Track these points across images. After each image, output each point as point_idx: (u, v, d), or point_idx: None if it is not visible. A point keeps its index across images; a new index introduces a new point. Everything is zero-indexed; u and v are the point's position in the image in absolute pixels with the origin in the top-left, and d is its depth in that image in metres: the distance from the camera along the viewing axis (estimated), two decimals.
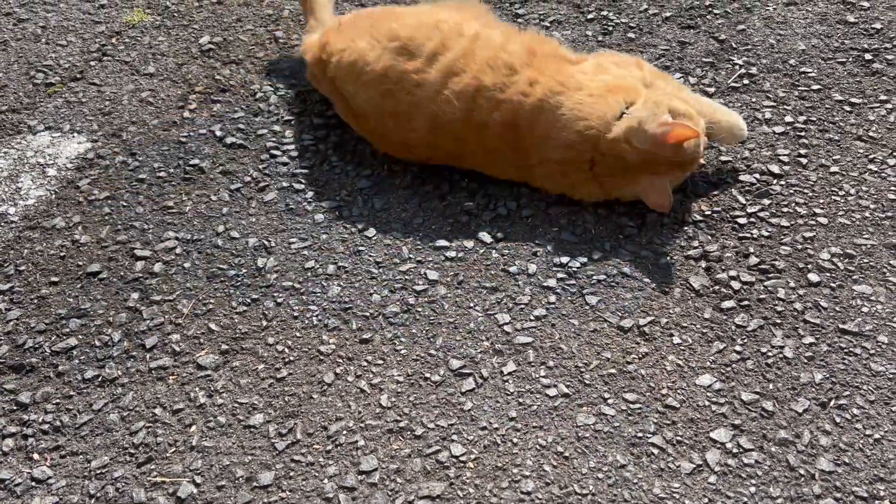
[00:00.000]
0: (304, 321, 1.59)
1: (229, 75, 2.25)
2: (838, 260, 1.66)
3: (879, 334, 1.52)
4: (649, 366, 1.49)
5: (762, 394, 1.44)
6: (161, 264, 1.72)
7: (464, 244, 1.75)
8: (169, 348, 1.55)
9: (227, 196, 1.88)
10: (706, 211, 1.79)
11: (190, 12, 2.51)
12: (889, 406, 1.40)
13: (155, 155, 1.99)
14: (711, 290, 1.62)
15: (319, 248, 1.74)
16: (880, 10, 2.36)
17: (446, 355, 1.52)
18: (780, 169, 1.87)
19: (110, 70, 2.28)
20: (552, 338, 1.55)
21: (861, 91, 2.08)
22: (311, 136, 2.03)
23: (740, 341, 1.52)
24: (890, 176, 1.84)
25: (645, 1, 2.45)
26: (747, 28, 2.32)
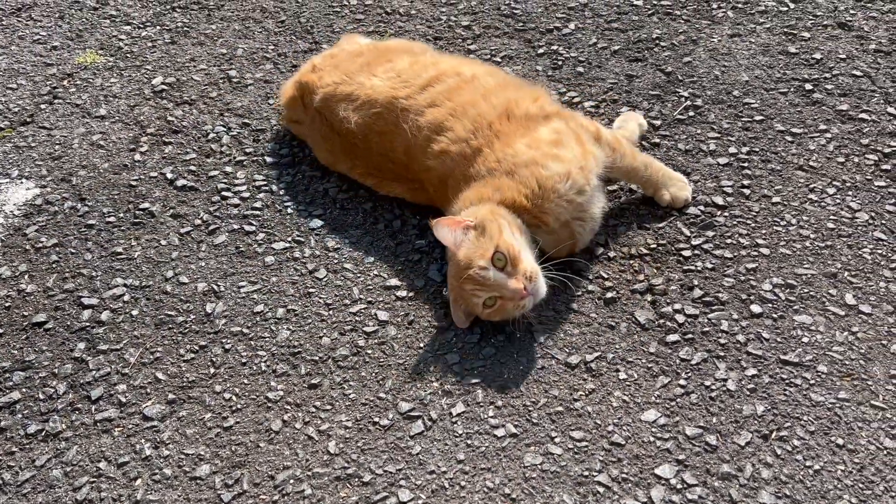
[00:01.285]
0: (252, 367, 1.59)
1: (182, 116, 2.25)
2: (780, 290, 1.70)
3: (819, 364, 1.55)
4: (596, 402, 1.51)
5: (706, 428, 1.46)
6: (108, 312, 1.70)
7: (415, 283, 1.76)
8: (115, 399, 1.54)
9: (176, 240, 1.87)
10: (652, 244, 1.82)
11: (143, 53, 2.51)
12: (828, 436, 1.43)
13: (105, 199, 1.98)
14: (657, 323, 1.65)
15: (269, 291, 1.74)
16: (820, 40, 2.43)
17: (395, 398, 1.53)
18: (723, 200, 1.91)
19: (61, 113, 2.27)
20: (501, 377, 1.56)
21: (802, 121, 2.14)
22: (264, 177, 2.04)
23: (685, 375, 1.55)
24: (829, 205, 1.89)
25: (594, 35, 2.50)
26: (693, 60, 2.38)
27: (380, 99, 1.86)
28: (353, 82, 1.93)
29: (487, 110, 1.74)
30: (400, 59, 1.98)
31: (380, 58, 2.00)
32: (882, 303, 1.66)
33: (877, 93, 2.21)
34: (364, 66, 1.97)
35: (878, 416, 1.46)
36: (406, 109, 1.81)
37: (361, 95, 1.89)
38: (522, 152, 1.64)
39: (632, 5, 2.63)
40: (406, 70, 1.91)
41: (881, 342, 1.59)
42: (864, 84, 2.24)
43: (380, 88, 1.88)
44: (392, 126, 1.83)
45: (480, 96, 1.78)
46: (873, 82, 2.25)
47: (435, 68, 1.89)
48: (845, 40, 2.42)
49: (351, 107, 1.90)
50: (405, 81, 1.87)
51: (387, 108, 1.84)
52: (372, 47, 2.11)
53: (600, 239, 1.83)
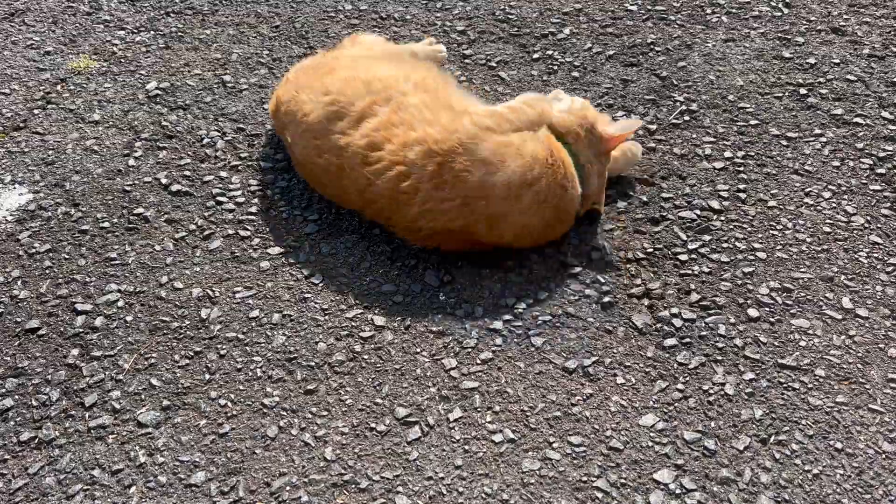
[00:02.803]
0: (247, 373, 1.57)
1: (176, 121, 2.24)
2: (777, 294, 1.69)
3: (817, 368, 1.55)
4: (594, 407, 1.50)
5: (704, 432, 1.45)
6: (102, 318, 1.69)
7: (411, 288, 1.75)
8: (109, 406, 1.52)
9: (171, 245, 1.86)
10: (648, 248, 1.81)
11: (137, 58, 2.50)
12: (827, 440, 1.43)
13: (98, 205, 1.97)
14: (654, 328, 1.64)
15: (264, 296, 1.73)
16: (814, 45, 2.44)
17: (392, 404, 1.52)
18: (720, 204, 1.91)
19: (54, 118, 2.26)
20: (498, 381, 1.56)
21: (797, 125, 2.15)
22: (258, 182, 2.03)
23: (682, 379, 1.54)
24: (825, 209, 1.89)
25: (589, 40, 2.50)
26: (688, 65, 2.38)
27: (315, 127, 1.81)
28: (301, 100, 1.87)
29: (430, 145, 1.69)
30: (336, 70, 1.91)
31: (321, 71, 1.94)
32: (879, 306, 1.66)
33: (871, 97, 2.22)
34: (312, 83, 1.91)
35: (876, 420, 1.45)
36: (344, 149, 1.76)
37: (300, 122, 1.84)
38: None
39: (626, 10, 2.64)
40: (340, 92, 1.83)
41: (878, 346, 1.59)
42: (858, 88, 2.25)
43: (318, 115, 1.82)
44: (337, 166, 1.78)
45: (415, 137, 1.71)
46: (867, 87, 2.26)
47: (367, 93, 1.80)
48: (839, 45, 2.43)
49: (296, 132, 1.87)
50: (340, 110, 1.80)
51: (325, 141, 1.79)
52: (331, 57, 2.04)
53: (597, 243, 1.83)
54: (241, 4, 2.77)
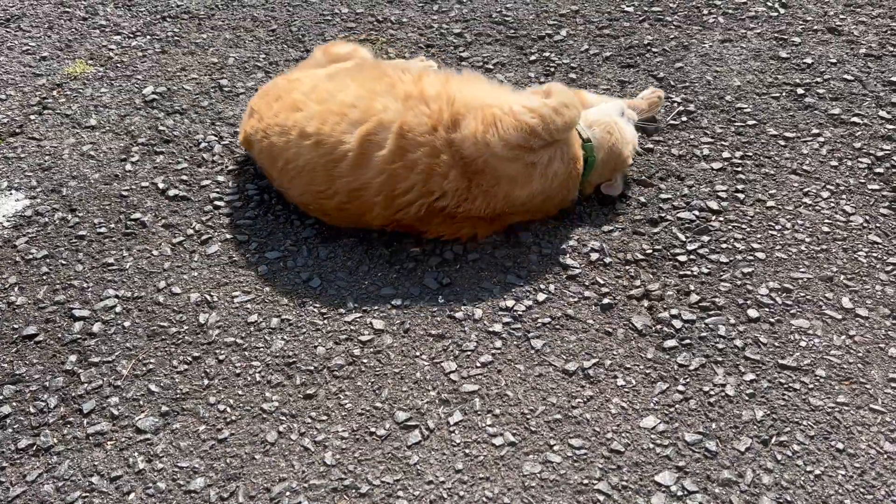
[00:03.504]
0: (246, 378, 1.57)
1: (173, 125, 2.24)
2: (776, 294, 1.69)
3: (817, 368, 1.54)
4: (594, 409, 1.50)
5: (705, 434, 1.45)
6: (100, 324, 1.68)
7: (410, 291, 1.75)
8: (107, 412, 1.52)
9: (168, 250, 1.85)
10: (647, 250, 1.81)
11: (133, 62, 2.50)
12: (828, 441, 1.42)
13: (95, 210, 1.96)
14: (654, 329, 1.64)
15: (263, 300, 1.72)
16: (811, 45, 2.44)
17: (392, 407, 1.51)
18: (718, 205, 1.91)
19: (51, 124, 2.25)
20: (498, 384, 1.55)
21: (794, 125, 2.15)
22: (256, 186, 2.02)
23: (683, 381, 1.54)
24: (824, 209, 1.89)
25: (585, 41, 2.50)
26: (685, 66, 2.38)
27: (318, 177, 1.76)
28: (272, 144, 1.82)
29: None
30: (304, 102, 1.84)
31: (287, 100, 1.87)
32: (879, 306, 1.66)
33: (868, 96, 2.22)
34: (281, 114, 1.84)
35: (877, 420, 1.45)
36: (360, 190, 1.74)
37: (291, 169, 1.79)
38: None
39: (623, 11, 2.64)
40: (319, 130, 1.76)
41: (879, 345, 1.58)
42: (855, 88, 2.25)
43: (308, 161, 1.76)
44: (349, 203, 1.77)
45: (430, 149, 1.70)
46: (864, 86, 2.26)
47: (347, 121, 1.75)
48: (836, 45, 2.43)
49: (287, 178, 1.83)
50: (328, 152, 1.74)
51: (332, 187, 1.76)
52: (285, 82, 1.97)
53: (596, 245, 1.83)
54: (238, 8, 2.76)
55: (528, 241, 1.84)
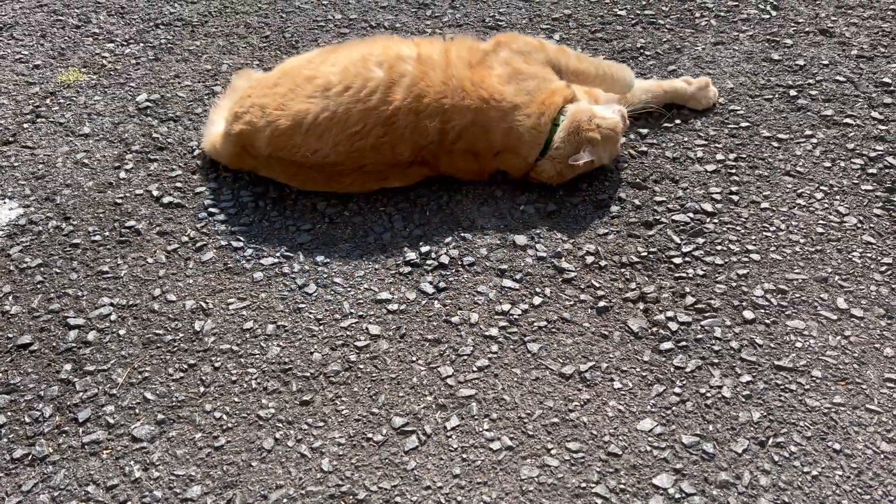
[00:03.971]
0: (242, 385, 1.56)
1: (167, 133, 2.23)
2: (771, 296, 1.69)
3: (813, 369, 1.55)
4: (591, 413, 1.50)
5: (702, 436, 1.45)
6: (95, 332, 1.68)
7: (406, 296, 1.74)
8: (103, 421, 1.51)
9: (163, 258, 1.85)
10: (642, 252, 1.81)
11: (127, 70, 2.49)
12: (825, 441, 1.43)
13: (90, 218, 1.96)
14: (650, 331, 1.64)
15: (258, 307, 1.72)
16: (803, 46, 2.45)
17: (389, 413, 1.51)
18: (712, 207, 1.91)
19: (44, 132, 2.25)
20: (495, 388, 1.55)
21: (788, 127, 2.15)
22: (250, 192, 2.02)
23: (679, 383, 1.54)
24: (818, 210, 1.90)
25: (579, 45, 2.51)
26: (678, 68, 2.39)
27: (352, 118, 1.85)
28: (292, 112, 1.88)
29: (460, 74, 1.90)
30: (317, 70, 1.95)
31: (297, 79, 1.95)
32: (873, 306, 1.66)
33: (860, 97, 2.23)
34: (291, 92, 1.92)
35: (874, 420, 1.45)
36: (395, 113, 1.85)
37: (321, 122, 1.86)
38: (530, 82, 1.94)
39: (615, 15, 2.65)
40: (343, 78, 1.89)
41: (874, 345, 1.59)
42: (847, 89, 2.26)
43: (338, 109, 1.86)
44: (384, 136, 1.86)
45: (444, 69, 1.90)
46: (856, 87, 2.27)
47: (371, 62, 1.92)
48: (828, 46, 2.44)
49: (315, 137, 1.87)
50: (359, 90, 1.87)
51: (368, 122, 1.85)
52: (280, 72, 2.04)
53: (591, 248, 1.83)
54: (231, 15, 2.76)
55: (522, 243, 1.84)
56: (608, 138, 1.90)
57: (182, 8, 2.81)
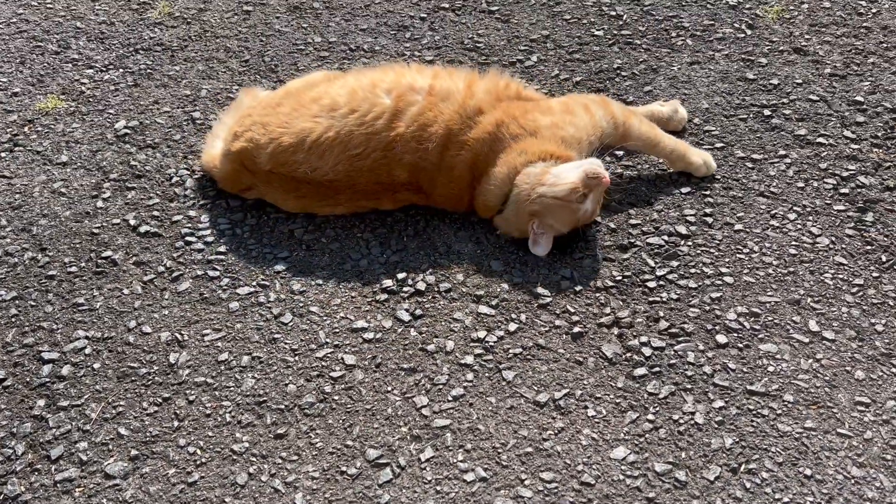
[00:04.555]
0: (216, 419, 1.56)
1: (145, 160, 2.24)
2: (744, 319, 1.71)
3: (785, 393, 1.56)
4: (565, 441, 1.50)
5: (675, 463, 1.45)
6: (69, 366, 1.67)
7: (382, 324, 1.75)
8: (76, 458, 1.51)
9: (139, 288, 1.85)
10: (617, 276, 1.82)
11: (106, 96, 2.50)
12: (796, 467, 1.43)
13: (66, 249, 1.96)
14: (624, 357, 1.65)
15: (234, 338, 1.72)
16: (777, 65, 2.47)
17: (363, 445, 1.51)
18: (687, 229, 1.93)
19: (21, 161, 2.25)
20: (470, 418, 1.55)
21: (762, 147, 2.17)
22: (228, 220, 2.02)
23: (653, 409, 1.54)
24: (791, 231, 1.91)
25: (556, 66, 2.53)
26: (654, 89, 2.41)
27: (354, 140, 1.88)
28: (296, 130, 1.92)
29: (482, 104, 1.91)
30: (325, 93, 1.98)
31: (302, 99, 1.99)
32: (845, 328, 1.68)
33: (833, 116, 2.25)
34: (295, 112, 1.96)
35: (844, 445, 1.46)
36: (396, 140, 1.87)
37: (323, 141, 1.89)
38: (542, 119, 1.91)
39: (593, 35, 2.67)
40: (351, 101, 1.92)
41: (845, 368, 1.60)
42: (820, 108, 2.29)
43: (341, 129, 1.88)
44: (383, 160, 1.89)
45: (461, 102, 1.91)
46: (829, 106, 2.29)
47: (380, 88, 1.94)
48: (801, 65, 2.46)
49: (316, 155, 1.90)
50: (364, 114, 1.89)
51: (369, 146, 1.88)
52: (284, 93, 2.08)
53: (566, 272, 1.84)
54: (211, 39, 2.77)
55: (499, 269, 1.85)
56: (552, 208, 1.78)
57: (162, 33, 2.81)
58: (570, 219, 1.81)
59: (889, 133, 2.17)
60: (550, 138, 1.87)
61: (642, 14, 2.76)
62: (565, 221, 1.82)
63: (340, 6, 2.91)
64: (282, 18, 2.86)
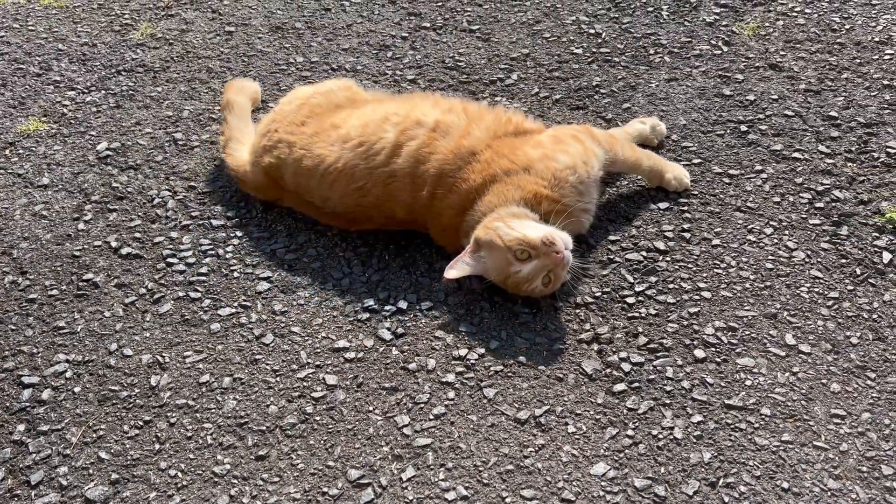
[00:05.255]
0: (198, 441, 1.56)
1: (127, 182, 2.24)
2: (722, 334, 1.73)
3: (762, 407, 1.57)
4: (546, 458, 1.51)
5: (654, 479, 1.46)
6: (50, 391, 1.67)
7: (364, 343, 1.75)
8: (56, 483, 1.50)
9: (120, 311, 1.85)
10: (596, 292, 1.84)
11: (87, 118, 2.50)
12: (774, 481, 1.45)
13: (47, 272, 1.95)
14: (603, 373, 1.66)
15: (215, 359, 1.72)
16: (753, 81, 2.51)
17: (345, 465, 1.51)
18: (665, 245, 1.95)
19: (2, 184, 2.24)
20: (451, 437, 1.56)
21: (738, 162, 2.20)
22: (210, 241, 2.03)
23: (632, 425, 1.56)
24: (767, 245, 1.94)
25: (536, 84, 2.56)
26: (632, 106, 2.44)
27: (357, 174, 1.89)
28: (314, 155, 1.95)
29: (476, 145, 1.87)
30: (345, 121, 2.00)
31: (324, 123, 2.02)
32: (821, 341, 1.70)
33: (808, 131, 2.29)
34: (317, 136, 1.99)
35: (821, 458, 1.48)
36: (394, 174, 1.87)
37: (332, 171, 1.92)
38: (532, 153, 1.86)
39: (572, 53, 2.70)
40: (362, 134, 1.93)
41: (821, 381, 1.62)
42: (796, 123, 2.32)
43: (348, 162, 1.90)
44: (384, 196, 1.89)
45: (456, 141, 1.88)
46: (805, 121, 2.33)
47: (389, 122, 1.93)
48: (777, 81, 2.51)
49: (326, 185, 1.93)
50: (369, 148, 1.90)
51: (370, 180, 1.89)
52: (308, 111, 2.09)
53: None
54: (193, 60, 2.79)
55: (479, 288, 1.86)
56: (492, 246, 1.70)
57: (144, 54, 2.83)
58: (502, 269, 1.70)
59: (863, 147, 2.20)
60: (543, 171, 1.82)
61: (621, 32, 2.80)
62: (496, 269, 1.72)
63: (322, 26, 2.94)
64: (264, 39, 2.88)
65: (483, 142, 1.88)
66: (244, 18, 3.01)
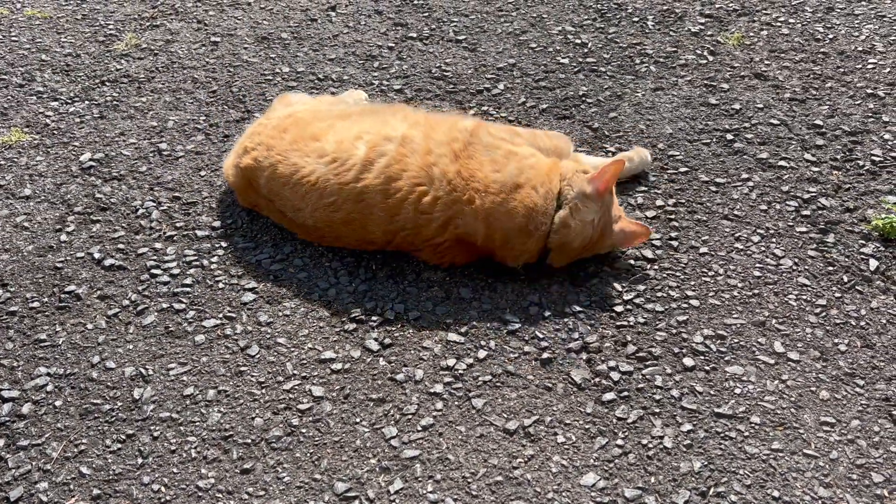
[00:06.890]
0: (181, 455, 1.53)
1: (110, 192, 2.22)
2: (711, 342, 1.72)
3: (752, 415, 1.57)
4: (535, 469, 1.49)
5: (644, 488, 1.45)
6: (30, 405, 1.63)
7: (351, 354, 1.74)
8: (36, 499, 1.47)
9: (103, 323, 1.82)
10: (585, 301, 1.83)
11: (71, 129, 2.48)
12: (764, 489, 1.44)
13: (28, 284, 1.92)
14: (592, 382, 1.65)
15: (199, 371, 1.70)
16: (739, 90, 2.53)
17: (331, 479, 1.49)
18: (653, 253, 1.95)
19: None
20: (440, 448, 1.54)
21: (725, 170, 2.21)
22: (194, 251, 2.01)
23: (622, 434, 1.54)
24: (755, 253, 1.94)
25: (523, 94, 2.56)
26: (619, 115, 2.44)
27: (328, 189, 1.87)
28: (290, 163, 1.93)
29: (441, 162, 1.83)
30: (324, 134, 1.97)
31: (304, 132, 1.99)
32: (809, 349, 1.70)
33: (794, 140, 2.30)
34: (294, 144, 1.97)
35: (811, 465, 1.47)
36: (364, 191, 1.84)
37: (304, 183, 1.89)
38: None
39: (559, 63, 2.71)
40: (337, 149, 1.90)
41: (810, 389, 1.61)
42: (781, 132, 2.34)
43: (321, 175, 1.88)
44: (355, 212, 1.86)
45: (422, 155, 1.85)
46: (790, 130, 2.34)
47: (362, 139, 1.90)
48: (762, 90, 2.52)
49: (299, 196, 1.90)
50: (340, 164, 1.88)
51: (341, 196, 1.86)
52: (292, 121, 2.06)
53: (534, 298, 1.84)
54: (178, 70, 2.77)
55: (468, 296, 1.85)
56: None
57: (129, 64, 2.81)
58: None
59: (848, 155, 2.22)
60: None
61: (607, 42, 2.81)
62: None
63: (308, 36, 2.93)
64: (250, 49, 2.87)
65: (448, 156, 1.84)
66: (230, 29, 3.00)
